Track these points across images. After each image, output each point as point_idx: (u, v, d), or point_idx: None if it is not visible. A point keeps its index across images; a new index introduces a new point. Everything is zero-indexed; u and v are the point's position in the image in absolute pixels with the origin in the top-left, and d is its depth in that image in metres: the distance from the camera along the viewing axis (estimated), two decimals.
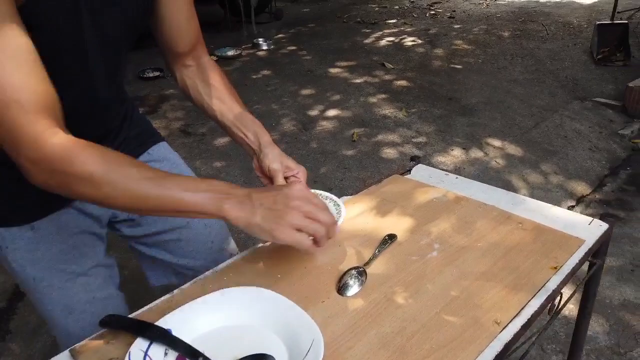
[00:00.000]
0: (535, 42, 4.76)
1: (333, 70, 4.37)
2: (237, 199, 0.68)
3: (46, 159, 0.62)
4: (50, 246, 0.86)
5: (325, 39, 5.33)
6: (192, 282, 0.83)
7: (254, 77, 4.29)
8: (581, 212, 2.54)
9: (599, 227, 0.91)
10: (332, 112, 3.54)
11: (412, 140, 3.14)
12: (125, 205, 0.68)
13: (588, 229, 0.91)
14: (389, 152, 3.00)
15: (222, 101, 0.95)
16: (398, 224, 0.95)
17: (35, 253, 0.85)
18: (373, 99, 3.73)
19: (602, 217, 0.93)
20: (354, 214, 1.00)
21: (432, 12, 6.22)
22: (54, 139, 0.62)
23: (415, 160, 1.23)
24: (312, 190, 0.89)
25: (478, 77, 4.07)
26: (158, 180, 0.67)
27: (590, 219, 0.94)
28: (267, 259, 0.87)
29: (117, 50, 0.81)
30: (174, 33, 0.91)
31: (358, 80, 4.10)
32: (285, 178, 0.90)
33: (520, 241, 0.88)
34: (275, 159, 0.90)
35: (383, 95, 3.79)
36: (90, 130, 0.74)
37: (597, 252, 0.92)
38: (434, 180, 1.13)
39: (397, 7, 6.75)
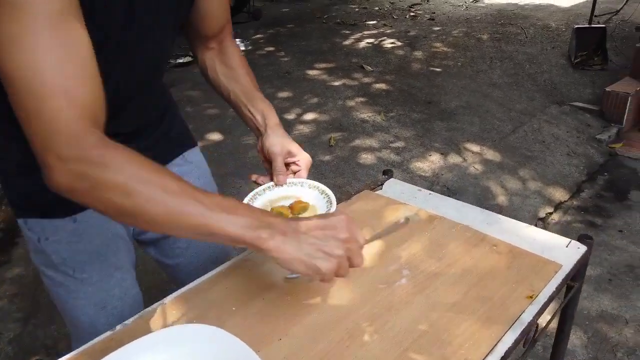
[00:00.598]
0: (514, 45, 4.76)
1: (311, 73, 4.30)
2: (279, 231, 0.60)
3: (80, 159, 0.57)
4: (92, 238, 0.85)
5: (304, 40, 5.25)
6: (137, 316, 0.75)
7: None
8: (559, 219, 2.52)
9: (577, 250, 0.86)
10: (309, 116, 3.48)
11: (390, 145, 3.09)
12: (156, 220, 0.59)
13: (565, 251, 0.86)
14: (367, 158, 2.95)
15: (237, 81, 0.93)
16: (366, 247, 0.88)
17: (78, 245, 0.84)
18: (351, 103, 3.68)
19: (580, 239, 0.88)
20: None
21: (412, 14, 6.19)
22: (94, 141, 0.58)
23: (388, 174, 1.17)
24: (299, 180, 0.88)
25: (457, 81, 4.04)
26: (196, 197, 0.59)
27: (567, 240, 0.89)
28: (222, 288, 0.80)
29: (164, 35, 0.79)
30: (205, 17, 0.89)
31: (336, 83, 4.04)
32: (287, 164, 0.88)
33: (495, 266, 0.82)
34: (276, 142, 0.87)
35: (362, 99, 3.74)
36: (129, 120, 0.80)
37: (576, 274, 0.87)
38: (406, 196, 1.07)
39: (377, 8, 6.71)
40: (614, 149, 3.20)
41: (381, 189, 1.12)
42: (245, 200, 0.84)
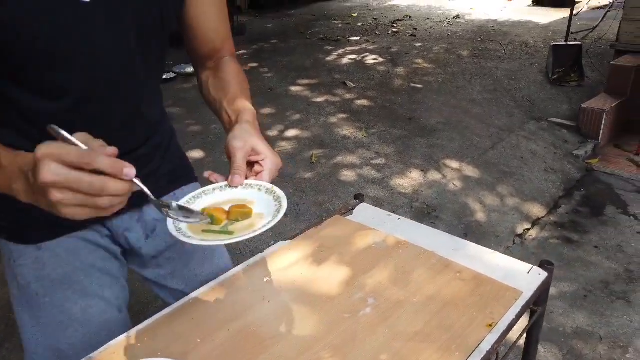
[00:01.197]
0: (494, 61, 4.85)
1: (294, 89, 4.33)
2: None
3: None
4: (56, 267, 0.86)
5: (288, 56, 5.30)
6: (102, 349, 0.75)
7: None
8: (537, 235, 2.56)
9: (538, 276, 0.88)
10: (291, 133, 3.50)
11: (371, 162, 3.12)
12: None
13: (527, 277, 0.88)
14: (348, 175, 2.97)
15: (224, 90, 0.88)
16: (333, 274, 0.90)
17: (42, 271, 0.85)
18: (333, 119, 3.71)
19: (542, 265, 0.90)
20: (289, 263, 0.94)
21: (395, 30, 6.28)
22: None
23: (359, 198, 1.19)
24: (257, 183, 0.75)
25: (438, 97, 4.10)
26: None
27: (529, 267, 0.91)
28: (188, 319, 0.81)
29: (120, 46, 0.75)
30: (200, 38, 0.90)
31: (319, 99, 4.08)
32: (250, 164, 0.77)
33: (458, 293, 0.84)
34: (239, 136, 0.75)
35: (343, 115, 3.77)
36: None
37: (538, 300, 0.89)
38: (376, 222, 1.08)
39: (360, 24, 6.80)
40: (591, 164, 3.27)
41: (352, 214, 1.13)
42: (186, 198, 0.74)
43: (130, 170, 0.55)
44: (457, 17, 6.89)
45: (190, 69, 4.64)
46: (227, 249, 1.09)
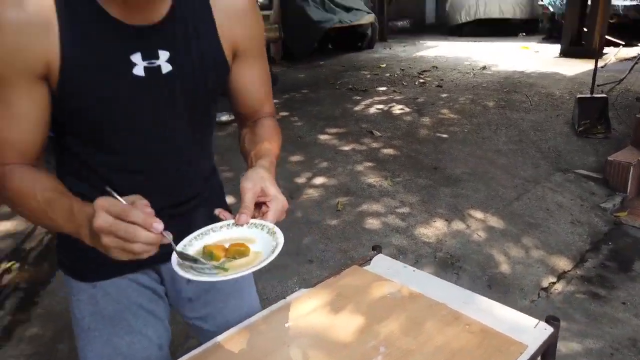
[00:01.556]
0: (519, 112, 4.91)
1: (322, 137, 4.48)
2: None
3: None
4: (107, 305, 0.97)
5: (317, 106, 5.49)
6: None
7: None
8: (562, 289, 2.54)
9: (544, 331, 0.92)
10: (319, 180, 3.61)
11: (396, 210, 3.18)
12: (22, 215, 0.82)
13: (533, 332, 0.93)
14: (372, 223, 3.03)
15: (256, 143, 0.94)
16: (349, 322, 0.96)
17: (95, 307, 0.97)
18: (360, 167, 3.81)
19: (548, 320, 0.94)
20: (309, 310, 1.01)
21: (422, 81, 6.45)
22: (6, 166, 0.80)
23: (377, 249, 1.26)
24: (261, 222, 0.79)
25: (463, 147, 4.17)
26: (48, 205, 0.77)
27: (535, 321, 0.95)
28: None
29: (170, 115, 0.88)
30: (240, 100, 0.99)
31: (346, 148, 4.20)
32: (261, 204, 0.81)
33: (466, 345, 0.89)
34: (250, 178, 0.80)
35: (370, 164, 3.87)
36: (151, 195, 0.78)
37: (545, 354, 0.93)
38: (391, 272, 1.15)
39: (388, 74, 7.01)
40: (619, 217, 3.24)
41: (369, 264, 1.20)
42: (195, 234, 0.80)
43: (158, 225, 0.68)
44: (484, 68, 7.03)
45: (224, 118, 4.87)
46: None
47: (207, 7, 0.87)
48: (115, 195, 0.69)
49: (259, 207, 0.80)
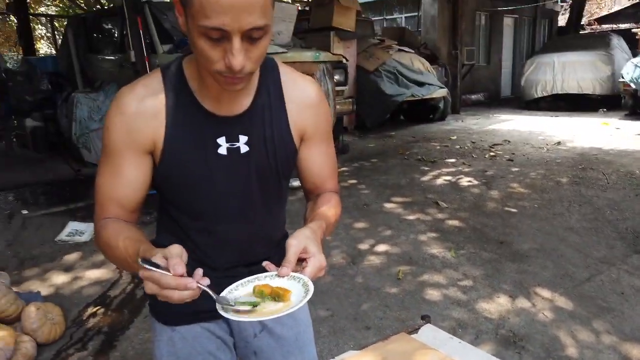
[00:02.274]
0: (595, 190, 4.76)
1: (388, 206, 4.58)
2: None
3: (97, 223, 1.01)
4: (182, 347, 1.12)
5: (385, 174, 5.64)
6: None
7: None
8: None
9: None
10: (381, 248, 3.68)
11: (458, 283, 3.17)
12: (111, 261, 1.00)
13: None
14: (433, 294, 3.03)
15: (314, 213, 1.05)
16: None
17: (171, 349, 1.12)
18: (423, 237, 3.85)
19: None
20: None
21: (492, 154, 6.44)
22: (102, 220, 1.00)
23: (425, 319, 1.33)
24: (299, 276, 0.89)
25: (532, 222, 4.09)
26: (120, 254, 0.93)
27: None
28: None
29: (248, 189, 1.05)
30: (305, 177, 1.13)
31: (411, 217, 4.27)
32: (303, 259, 0.90)
33: None
34: (297, 236, 0.90)
35: (433, 234, 3.90)
36: (221, 255, 1.04)
37: None
38: (438, 343, 1.21)
39: (458, 146, 7.07)
40: None
41: (417, 333, 1.27)
42: (241, 281, 0.91)
43: (191, 284, 0.80)
44: (559, 143, 6.91)
45: (295, 184, 5.12)
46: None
47: (281, 99, 1.05)
48: (152, 267, 0.81)
49: (300, 262, 0.90)
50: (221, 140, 1.00)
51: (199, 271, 0.83)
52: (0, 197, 5.14)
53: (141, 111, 0.96)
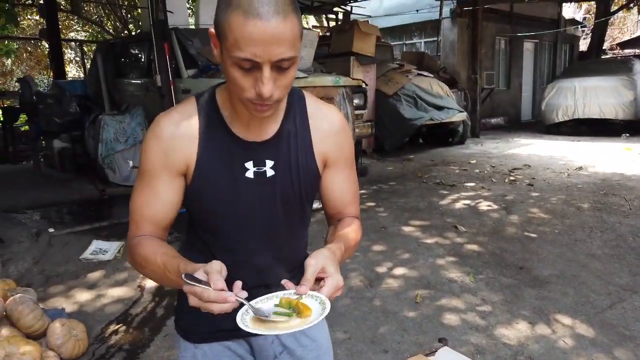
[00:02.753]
0: (617, 216, 4.70)
1: (406, 229, 4.59)
2: None
3: (131, 240, 1.08)
4: None
5: (403, 198, 5.66)
6: None
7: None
8: None
9: None
10: (399, 271, 3.68)
11: (477, 308, 3.15)
12: (147, 276, 1.07)
13: None
14: (451, 319, 3.02)
15: (334, 236, 1.10)
16: None
17: None
18: (441, 261, 3.84)
19: None
20: None
21: (512, 178, 6.41)
22: (136, 237, 1.07)
23: (443, 342, 1.35)
24: (316, 294, 0.92)
25: (552, 248, 4.05)
26: (158, 270, 1.00)
27: None
28: None
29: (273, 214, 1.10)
30: (328, 203, 1.18)
31: (429, 241, 4.26)
32: (321, 279, 0.94)
33: None
34: (315, 256, 0.94)
35: (452, 258, 3.89)
36: (247, 276, 1.03)
37: None
38: None
39: (477, 170, 7.05)
40: None
41: (434, 355, 1.30)
42: (263, 297, 0.96)
43: (231, 298, 0.86)
44: (580, 168, 6.84)
45: (315, 205, 5.18)
46: None
47: (307, 127, 1.12)
48: (195, 283, 0.87)
49: (318, 282, 0.93)
50: (249, 164, 1.06)
51: (238, 284, 0.89)
52: (28, 215, 5.30)
53: (176, 135, 1.04)
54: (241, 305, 0.90)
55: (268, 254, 1.13)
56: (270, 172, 1.07)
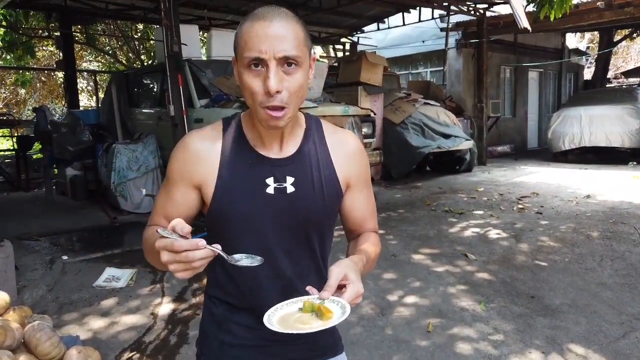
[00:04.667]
0: (627, 245, 4.70)
1: (416, 257, 4.61)
2: None
3: (146, 230, 1.17)
4: None
5: (413, 225, 5.68)
6: None
7: (342, 258, 4.65)
8: None
9: None
10: (410, 299, 3.69)
11: (489, 337, 3.15)
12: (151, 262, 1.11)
13: None
14: (463, 348, 3.02)
15: (355, 247, 1.18)
16: None
17: None
18: (452, 290, 3.85)
19: None
20: None
21: (520, 206, 6.43)
22: (149, 226, 1.18)
23: None
24: (338, 300, 0.98)
25: (563, 277, 4.05)
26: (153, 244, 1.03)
27: None
28: None
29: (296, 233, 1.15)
30: (348, 220, 1.24)
31: (439, 269, 4.28)
32: (342, 285, 0.99)
33: None
34: (339, 265, 1.01)
35: (463, 287, 3.89)
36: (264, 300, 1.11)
37: None
38: None
39: (485, 198, 7.08)
40: None
41: None
42: (287, 302, 1.02)
43: (201, 243, 0.91)
44: (588, 196, 6.85)
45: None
46: None
47: (326, 149, 1.19)
48: (166, 234, 0.92)
49: (340, 288, 0.99)
50: (269, 181, 1.11)
51: (202, 241, 0.93)
52: (41, 243, 5.37)
53: (199, 148, 1.13)
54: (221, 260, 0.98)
55: (288, 270, 1.15)
56: (290, 189, 1.13)
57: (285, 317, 0.99)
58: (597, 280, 4.00)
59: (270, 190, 1.11)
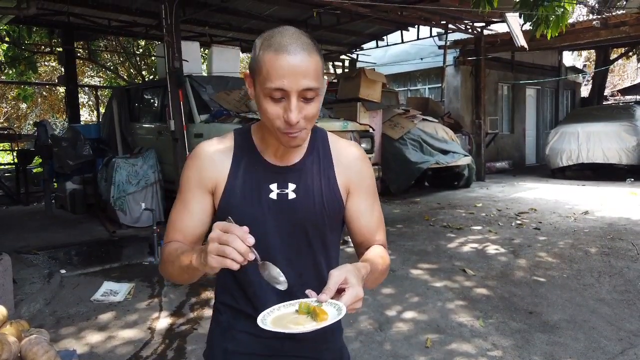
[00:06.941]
0: (625, 261, 4.70)
1: (415, 272, 4.61)
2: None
3: (164, 245, 1.20)
4: None
5: (411, 241, 5.69)
6: None
7: None
8: None
9: None
10: (409, 314, 3.69)
11: (487, 353, 3.14)
12: (170, 275, 1.17)
13: None
14: None
15: (363, 259, 1.17)
16: None
17: None
18: (451, 305, 3.84)
19: None
20: None
21: (519, 222, 6.44)
22: (167, 243, 1.19)
23: None
24: (335, 302, 0.98)
25: (561, 293, 4.05)
26: (177, 261, 1.09)
27: None
28: None
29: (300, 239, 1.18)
30: (355, 232, 1.26)
31: (438, 284, 4.28)
32: (342, 289, 0.99)
33: None
34: (340, 269, 1.00)
35: (461, 302, 3.89)
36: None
37: None
38: None
39: (483, 214, 7.10)
40: None
41: None
42: (285, 304, 1.04)
43: (251, 239, 0.94)
44: (586, 212, 6.87)
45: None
46: None
47: (329, 158, 1.23)
48: (231, 220, 0.98)
49: (340, 292, 0.99)
50: (273, 186, 1.17)
51: (252, 238, 0.96)
52: (40, 256, 5.36)
53: (211, 156, 1.19)
54: (255, 264, 1.00)
55: (291, 276, 1.15)
56: (291, 195, 1.17)
57: (280, 317, 1.02)
58: (595, 296, 4.00)
59: (273, 195, 1.16)
